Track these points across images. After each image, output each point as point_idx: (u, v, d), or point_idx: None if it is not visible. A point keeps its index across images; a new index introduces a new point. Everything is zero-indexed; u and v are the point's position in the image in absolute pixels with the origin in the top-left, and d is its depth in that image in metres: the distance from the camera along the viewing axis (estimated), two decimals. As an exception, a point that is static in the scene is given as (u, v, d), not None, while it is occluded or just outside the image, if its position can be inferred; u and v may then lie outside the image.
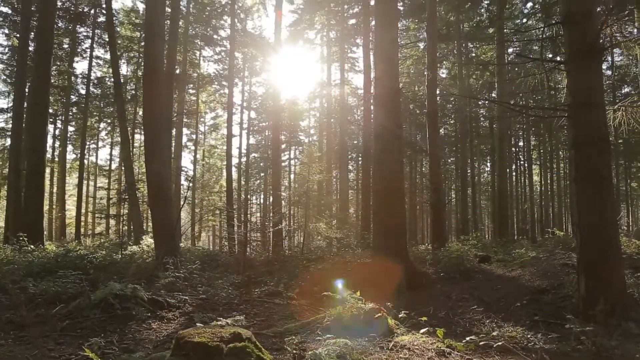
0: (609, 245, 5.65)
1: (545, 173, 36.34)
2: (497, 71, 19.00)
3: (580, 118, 5.92)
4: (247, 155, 34.89)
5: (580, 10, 5.95)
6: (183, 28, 24.64)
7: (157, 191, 10.61)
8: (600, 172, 5.77)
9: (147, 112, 11.24)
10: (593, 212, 5.75)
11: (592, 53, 5.88)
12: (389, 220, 9.36)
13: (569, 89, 6.10)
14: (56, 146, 30.05)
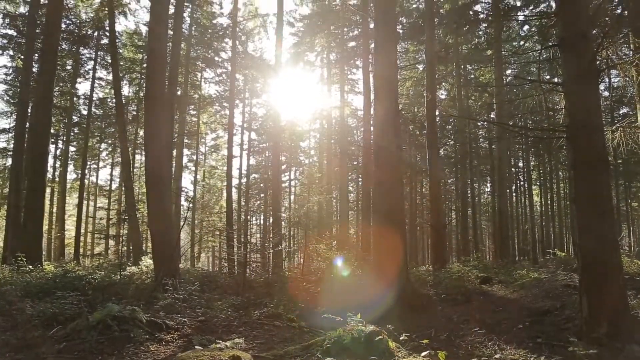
0: (610, 266, 5.62)
1: (545, 193, 36.36)
2: (496, 92, 19.17)
3: (579, 139, 5.95)
4: (248, 176, 34.94)
5: (575, 33, 6.04)
6: (185, 50, 24.96)
7: (157, 211, 10.59)
8: (600, 193, 5.77)
9: (148, 133, 11.30)
10: (593, 232, 5.73)
11: (589, 75, 5.94)
12: (389, 241, 9.33)
13: (567, 110, 6.15)
14: (57, 166, 30.13)
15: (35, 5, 17.33)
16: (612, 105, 27.18)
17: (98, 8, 22.40)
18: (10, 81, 25.65)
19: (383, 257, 9.40)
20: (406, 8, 24.42)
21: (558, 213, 35.52)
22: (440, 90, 29.34)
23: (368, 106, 18.58)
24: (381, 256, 9.52)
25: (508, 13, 18.11)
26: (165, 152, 11.80)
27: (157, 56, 10.90)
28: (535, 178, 37.32)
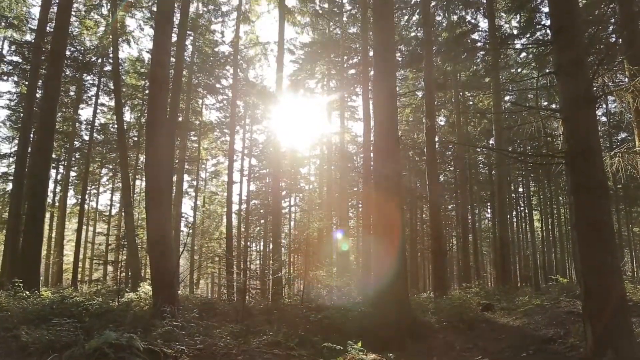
0: (613, 292, 5.57)
1: (546, 219, 36.26)
2: (494, 119, 19.32)
3: (578, 165, 5.98)
4: (248, 202, 34.91)
5: (571, 61, 6.15)
6: (187, 77, 25.30)
7: (157, 238, 10.53)
8: (600, 218, 5.77)
9: (149, 159, 11.35)
10: (595, 258, 5.71)
11: (586, 102, 6.02)
12: (389, 268, 9.26)
13: (566, 137, 6.20)
14: (57, 191, 30.15)
15: (41, 34, 17.65)
16: (610, 131, 27.36)
17: (102, 36, 22.80)
18: (14, 106, 25.93)
19: (384, 284, 9.31)
20: (405, 36, 24.84)
21: (559, 238, 35.34)
22: (440, 116, 29.60)
23: (368, 133, 18.71)
24: (382, 283, 9.43)
25: (505, 41, 18.42)
26: (166, 178, 11.82)
27: (160, 83, 11.04)
28: (535, 203, 37.28)
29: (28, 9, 20.98)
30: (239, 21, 24.29)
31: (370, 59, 18.56)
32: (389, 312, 8.48)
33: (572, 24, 6.35)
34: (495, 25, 19.60)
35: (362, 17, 19.87)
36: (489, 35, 19.53)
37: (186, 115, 26.82)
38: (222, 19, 26.37)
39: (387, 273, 9.29)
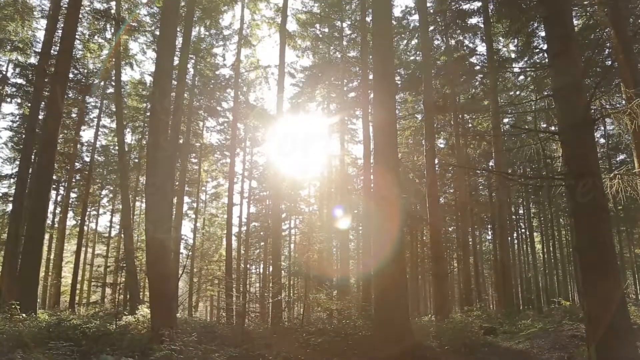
0: (617, 315, 5.51)
1: (547, 241, 36.09)
2: (494, 141, 19.42)
3: (578, 187, 5.99)
4: (248, 224, 34.80)
5: (569, 84, 6.21)
6: (188, 100, 25.52)
7: (156, 260, 10.48)
8: (601, 240, 5.75)
9: (149, 181, 11.38)
10: (598, 281, 5.67)
11: (584, 124, 6.06)
12: (390, 291, 9.18)
13: (565, 159, 6.23)
14: (57, 212, 30.12)
15: (46, 57, 17.89)
16: (609, 153, 27.46)
17: (105, 59, 23.11)
18: (16, 128, 26.12)
19: (384, 307, 9.22)
20: (404, 60, 25.17)
21: (561, 260, 35.12)
22: (439, 139, 29.74)
23: (368, 155, 18.78)
24: (382, 306, 9.34)
25: (503, 65, 18.67)
26: (166, 200, 11.82)
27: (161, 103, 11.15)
28: (536, 225, 37.15)
29: (33, 32, 21.32)
30: (240, 45, 24.63)
31: (370, 82, 18.77)
32: (390, 336, 8.38)
33: (568, 48, 6.44)
34: (493, 49, 19.87)
35: (362, 41, 20.16)
36: (487, 58, 19.78)
37: (187, 138, 26.97)
38: (223, 43, 26.76)
39: (387, 296, 9.21)
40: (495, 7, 15.86)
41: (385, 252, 9.46)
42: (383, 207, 9.58)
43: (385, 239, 9.51)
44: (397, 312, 9.01)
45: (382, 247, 9.60)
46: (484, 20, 18.86)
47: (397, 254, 9.56)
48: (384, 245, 9.52)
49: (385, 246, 9.50)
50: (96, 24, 20.43)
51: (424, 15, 17.54)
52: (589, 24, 16.11)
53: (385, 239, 9.51)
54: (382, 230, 9.56)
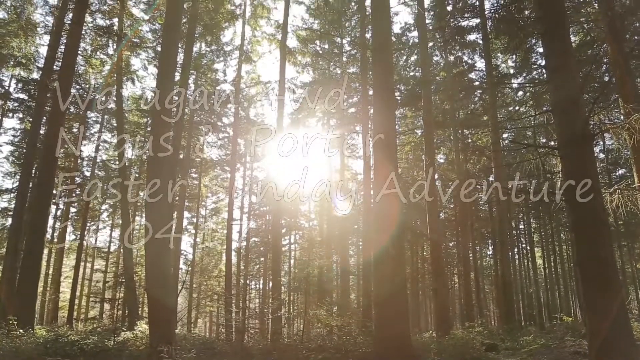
0: (620, 331, 5.47)
1: (549, 256, 35.94)
2: (493, 156, 19.47)
3: (578, 202, 5.99)
4: (248, 239, 34.70)
5: (567, 99, 6.26)
6: (189, 115, 25.64)
7: (156, 275, 10.42)
8: (602, 255, 5.74)
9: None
10: (599, 296, 5.64)
11: (583, 139, 6.09)
12: (390, 307, 9.11)
13: (564, 174, 6.24)
14: (56, 226, 30.06)
15: (48, 72, 18.04)
16: (609, 168, 27.49)
17: (107, 75, 23.29)
18: (17, 142, 26.22)
19: (385, 324, 9.14)
20: (404, 76, 25.37)
21: (562, 276, 34.92)
22: (439, 154, 29.80)
23: (368, 170, 18.81)
24: (383, 322, 9.26)
25: (502, 80, 18.80)
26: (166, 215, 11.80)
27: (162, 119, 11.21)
28: (537, 240, 37.02)
29: (36, 48, 21.52)
30: (240, 61, 24.84)
31: (370, 98, 18.88)
32: (391, 352, 8.29)
33: (566, 64, 6.50)
34: (492, 64, 20.03)
35: (362, 57, 20.33)
36: (486, 74, 19.93)
37: (187, 153, 27.04)
38: (224, 59, 26.98)
39: (388, 312, 9.14)
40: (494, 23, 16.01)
41: (385, 268, 9.41)
42: (383, 223, 9.56)
43: (385, 254, 9.47)
44: (397, 328, 8.93)
45: (382, 262, 9.55)
46: (482, 36, 19.05)
47: (397, 269, 9.51)
48: (384, 260, 9.47)
49: (385, 261, 9.45)
50: (98, 40, 20.64)
51: (423, 32, 17.72)
52: (586, 40, 16.28)
53: (385, 254, 9.47)
54: (382, 245, 9.52)
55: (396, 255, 9.56)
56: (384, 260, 9.46)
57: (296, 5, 23.95)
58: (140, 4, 21.14)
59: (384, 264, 9.46)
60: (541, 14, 7.11)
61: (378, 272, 9.74)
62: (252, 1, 24.49)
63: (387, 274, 9.36)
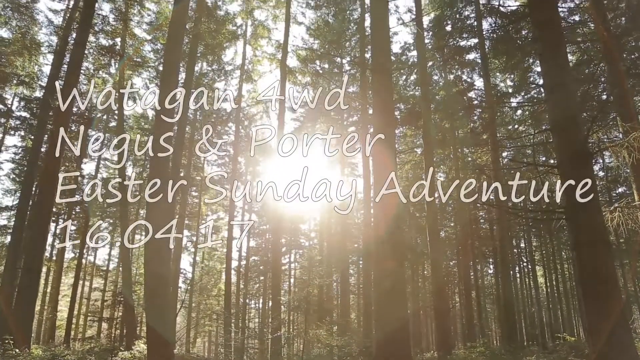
0: (624, 352, 5.41)
1: (550, 274, 35.67)
2: (494, 175, 19.48)
3: (578, 220, 5.98)
4: (247, 258, 34.56)
5: (566, 118, 6.30)
6: (189, 134, 25.77)
7: (154, 294, 10.36)
8: (604, 274, 5.70)
9: (149, 213, 11.36)
10: (601, 315, 5.59)
11: (582, 157, 6.11)
12: (391, 326, 9.01)
13: (564, 192, 6.24)
14: (55, 244, 29.94)
15: (51, 90, 18.19)
16: (609, 185, 27.48)
17: (109, 93, 23.46)
18: (18, 160, 26.30)
19: (385, 344, 9.03)
20: (403, 95, 25.53)
21: (565, 294, 34.60)
22: (439, 172, 29.85)
23: (368, 189, 18.84)
24: (383, 342, 9.14)
25: (501, 99, 18.93)
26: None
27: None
28: (538, 259, 36.80)
29: (40, 67, 21.75)
30: (241, 80, 25.09)
31: (369, 117, 19.00)
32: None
33: (564, 83, 6.56)
34: (491, 83, 20.20)
35: (362, 76, 20.53)
36: (485, 93, 20.10)
37: (188, 171, 27.10)
38: (225, 78, 27.23)
39: (388, 332, 9.04)
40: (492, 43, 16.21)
41: (385, 287, 9.33)
42: (383, 241, 9.51)
43: (385, 273, 9.40)
44: (398, 348, 8.83)
45: (382, 281, 9.47)
46: (481, 56, 19.25)
47: (397, 287, 9.43)
48: (384, 279, 9.39)
49: (385, 281, 9.38)
50: (101, 59, 20.85)
51: (422, 52, 17.93)
52: (583, 60, 16.45)
53: (385, 274, 9.40)
54: (382, 264, 9.46)
55: (396, 274, 9.49)
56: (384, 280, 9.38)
57: (296, 25, 24.31)
58: (142, 25, 21.45)
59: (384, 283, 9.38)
60: (538, 35, 7.20)
61: (378, 291, 9.66)
62: (253, 21, 24.87)
63: (387, 293, 9.28)
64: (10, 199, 28.18)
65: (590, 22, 14.99)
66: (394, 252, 9.44)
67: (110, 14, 20.60)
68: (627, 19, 15.31)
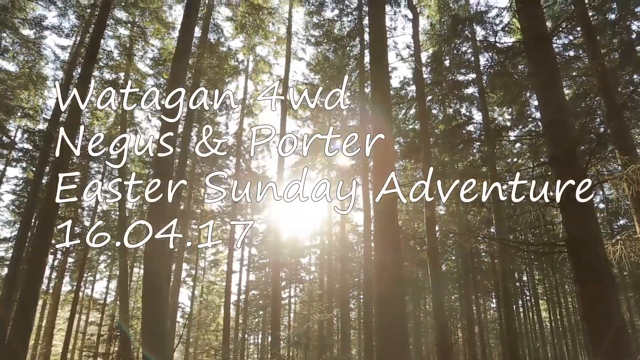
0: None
1: (554, 308, 35.12)
2: (494, 208, 19.47)
3: (580, 254, 5.94)
4: (247, 292, 34.13)
5: (564, 151, 6.34)
6: (190, 167, 25.90)
7: (152, 328, 10.19)
8: (608, 307, 5.62)
9: (148, 247, 11.30)
10: (608, 352, 5.48)
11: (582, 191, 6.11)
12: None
13: (565, 226, 6.22)
14: (53, 277, 29.64)
15: (54, 123, 18.40)
16: (610, 218, 27.41)
17: (111, 126, 23.74)
18: (19, 192, 26.36)
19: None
20: (403, 129, 25.80)
21: (569, 329, 33.97)
22: (439, 205, 29.83)
23: (368, 222, 18.78)
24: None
25: (499, 133, 19.10)
26: (165, 267, 11.69)
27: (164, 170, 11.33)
28: (541, 293, 36.33)
29: (44, 100, 22.10)
30: (243, 114, 25.42)
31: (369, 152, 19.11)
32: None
33: (561, 117, 6.64)
34: (489, 117, 20.45)
35: (361, 110, 20.79)
36: (483, 127, 20.29)
37: (188, 204, 27.09)
38: (226, 112, 27.59)
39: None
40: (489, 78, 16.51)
41: (386, 322, 9.19)
42: (384, 276, 9.42)
43: (386, 308, 9.27)
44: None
45: (383, 316, 9.33)
46: (479, 90, 19.56)
47: (399, 324, 9.28)
48: (385, 314, 9.26)
49: (386, 316, 9.24)
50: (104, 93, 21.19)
51: (421, 86, 18.20)
52: (579, 93, 16.71)
53: (386, 308, 9.27)
54: (383, 299, 9.34)
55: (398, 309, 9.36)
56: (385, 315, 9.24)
57: (297, 61, 24.78)
58: (146, 59, 21.86)
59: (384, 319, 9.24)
60: (534, 71, 7.34)
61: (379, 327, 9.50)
62: (254, 57, 25.37)
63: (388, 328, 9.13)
64: (9, 230, 28.12)
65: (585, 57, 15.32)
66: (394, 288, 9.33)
67: (114, 49, 21.08)
68: (620, 54, 15.66)
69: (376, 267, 9.82)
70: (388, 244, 9.59)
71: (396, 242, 9.85)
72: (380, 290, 9.42)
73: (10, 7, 16.74)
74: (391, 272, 9.36)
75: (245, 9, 20.39)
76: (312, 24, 22.74)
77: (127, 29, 20.58)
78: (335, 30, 22.89)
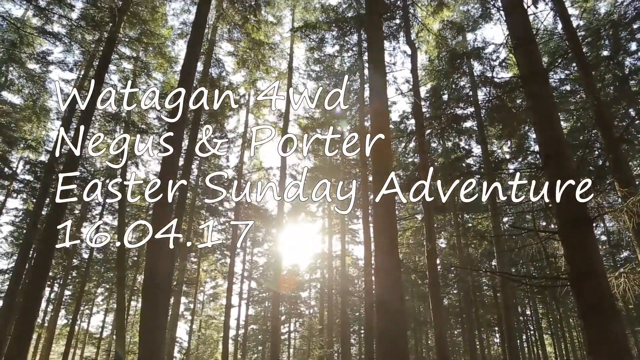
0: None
1: (559, 342, 34.41)
2: (495, 241, 19.37)
3: (583, 288, 5.88)
4: (246, 326, 33.56)
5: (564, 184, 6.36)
6: (190, 199, 25.90)
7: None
8: (615, 343, 5.53)
9: (147, 280, 11.19)
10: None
11: (582, 223, 6.10)
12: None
13: (567, 259, 6.17)
14: (48, 310, 29.19)
15: (56, 155, 18.52)
16: (612, 250, 27.24)
17: (112, 159, 23.89)
18: (18, 223, 26.28)
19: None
20: (402, 162, 25.98)
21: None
22: (440, 239, 29.69)
23: (369, 256, 18.64)
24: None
25: (498, 165, 19.20)
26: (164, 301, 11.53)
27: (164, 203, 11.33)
28: (545, 327, 35.69)
29: (47, 132, 22.29)
30: (243, 147, 25.61)
31: (369, 184, 19.18)
32: None
33: (559, 150, 6.69)
34: (488, 150, 20.60)
35: (361, 144, 20.96)
36: (482, 160, 20.42)
37: (187, 236, 26.96)
38: (227, 145, 27.80)
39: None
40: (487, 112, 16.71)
41: (387, 358, 9.01)
42: (385, 310, 9.29)
43: (387, 343, 9.11)
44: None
45: (384, 352, 9.16)
46: (477, 124, 19.78)
47: (399, 357, 9.10)
48: (387, 350, 9.09)
49: (387, 351, 9.07)
50: (106, 125, 21.42)
51: (420, 120, 18.42)
52: (577, 127, 16.90)
53: (387, 344, 9.11)
54: (383, 333, 9.19)
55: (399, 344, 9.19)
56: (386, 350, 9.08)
57: (297, 95, 25.13)
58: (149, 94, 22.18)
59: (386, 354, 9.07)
60: (532, 105, 7.44)
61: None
62: (255, 91, 25.75)
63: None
64: (7, 262, 27.90)
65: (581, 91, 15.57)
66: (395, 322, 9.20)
67: (118, 82, 21.42)
68: (615, 89, 15.93)
69: (377, 299, 9.69)
70: (389, 277, 9.49)
71: (397, 275, 9.76)
72: (381, 324, 9.27)
73: (18, 43, 17.12)
74: (392, 305, 9.23)
75: (247, 45, 20.81)
76: (313, 60, 23.21)
77: (130, 64, 20.98)
78: (336, 65, 23.33)
